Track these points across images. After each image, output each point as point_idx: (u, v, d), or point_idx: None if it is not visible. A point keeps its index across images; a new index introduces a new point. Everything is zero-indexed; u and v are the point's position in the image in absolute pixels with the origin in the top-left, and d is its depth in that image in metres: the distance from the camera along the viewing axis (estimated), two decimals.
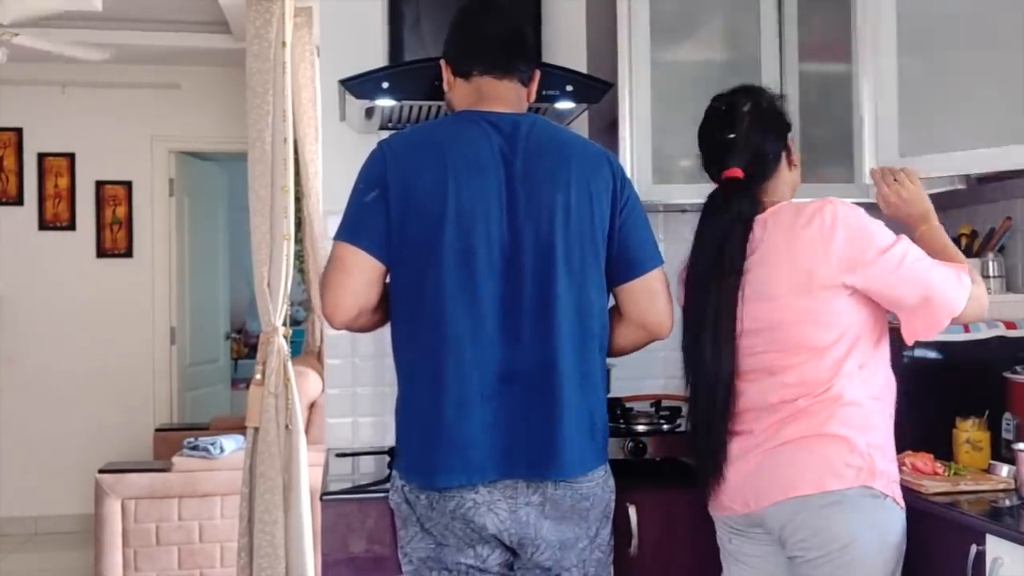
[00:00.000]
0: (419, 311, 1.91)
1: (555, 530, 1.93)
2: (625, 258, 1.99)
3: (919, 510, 2.02)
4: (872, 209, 2.03)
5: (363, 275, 1.91)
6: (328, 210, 2.86)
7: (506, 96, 2.01)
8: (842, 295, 1.93)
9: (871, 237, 1.92)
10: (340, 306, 1.92)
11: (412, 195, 1.89)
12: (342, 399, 2.87)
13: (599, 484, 1.98)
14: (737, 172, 2.05)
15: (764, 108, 2.09)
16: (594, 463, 1.97)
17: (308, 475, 3.13)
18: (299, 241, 4.75)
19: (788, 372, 1.96)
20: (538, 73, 2.09)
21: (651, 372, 2.95)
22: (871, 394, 1.96)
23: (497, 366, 1.89)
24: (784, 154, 2.10)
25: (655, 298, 2.02)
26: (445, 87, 2.08)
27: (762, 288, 1.98)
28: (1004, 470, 2.13)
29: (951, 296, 1.92)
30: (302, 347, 5.22)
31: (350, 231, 1.92)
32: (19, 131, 6.32)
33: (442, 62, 2.08)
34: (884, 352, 2.01)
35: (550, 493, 1.92)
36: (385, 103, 2.52)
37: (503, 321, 1.89)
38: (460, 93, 2.04)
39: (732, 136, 2.06)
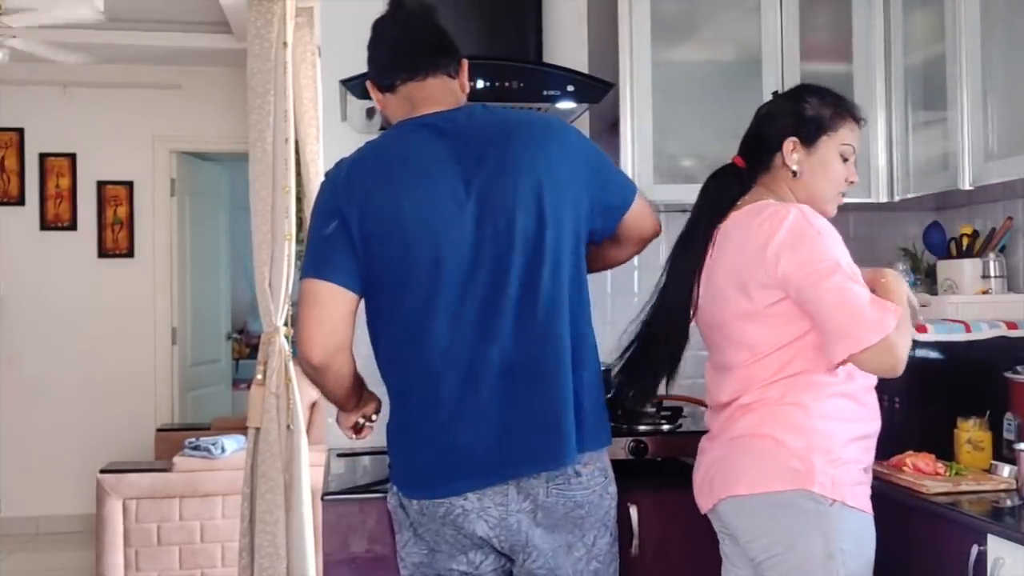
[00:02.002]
0: (397, 328, 1.90)
1: (547, 538, 1.90)
2: (606, 204, 1.99)
3: (920, 510, 2.02)
4: (878, 210, 2.02)
5: (337, 308, 1.87)
6: None
7: (436, 95, 1.96)
8: (778, 296, 1.89)
9: (809, 247, 1.85)
10: (315, 342, 1.86)
11: (368, 216, 1.86)
12: None
13: (596, 492, 1.93)
14: (739, 159, 2.09)
15: (782, 101, 2.10)
16: (593, 444, 1.93)
17: (309, 475, 3.13)
18: (300, 241, 4.73)
19: (735, 370, 1.96)
20: (465, 63, 2.02)
21: None
22: (821, 396, 1.90)
23: (483, 367, 1.85)
24: (780, 152, 2.02)
25: (645, 218, 2.07)
26: (378, 106, 2.05)
27: (712, 284, 2.00)
28: (1005, 470, 2.13)
29: (864, 330, 1.79)
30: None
31: (317, 266, 1.88)
32: (20, 131, 6.33)
33: (368, 84, 2.04)
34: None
35: (541, 500, 1.88)
36: None
37: (482, 321, 1.86)
38: (393, 107, 2.00)
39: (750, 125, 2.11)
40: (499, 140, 1.91)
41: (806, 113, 2.02)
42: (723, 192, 2.06)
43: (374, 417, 2.14)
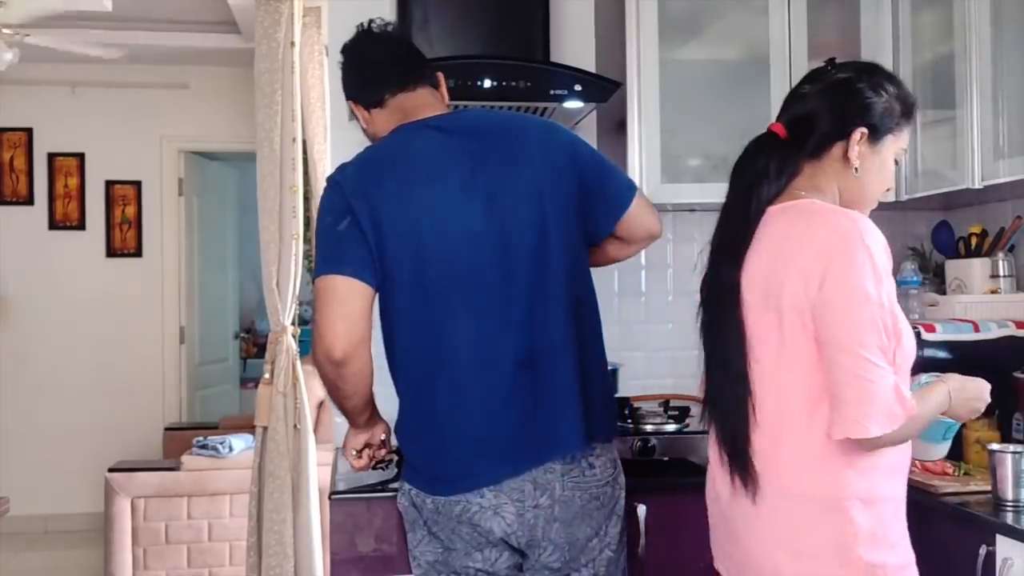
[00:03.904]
0: (414, 325, 1.90)
1: (563, 532, 1.92)
2: (607, 201, 2.00)
3: (929, 510, 2.02)
4: (886, 209, 1.99)
5: (356, 301, 1.86)
6: None
7: (428, 102, 2.01)
8: (808, 321, 1.59)
9: (861, 277, 1.55)
10: (337, 335, 1.85)
11: (381, 215, 1.87)
12: None
13: (609, 483, 1.97)
14: (779, 127, 1.75)
15: (851, 80, 1.74)
16: (603, 430, 1.97)
17: (317, 474, 3.13)
18: (308, 241, 4.73)
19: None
20: (441, 75, 2.08)
21: (659, 372, 2.96)
22: None
23: (499, 359, 1.87)
24: (844, 141, 1.72)
25: (645, 217, 2.05)
26: (363, 124, 2.07)
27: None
28: None
29: (883, 410, 1.55)
30: (311, 346, 5.23)
31: (333, 261, 1.88)
32: (29, 131, 6.35)
33: (350, 104, 2.07)
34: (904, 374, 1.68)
35: (558, 494, 1.90)
36: None
37: (497, 314, 1.88)
38: (382, 120, 2.02)
39: (800, 91, 1.78)
40: (502, 136, 1.95)
41: (881, 104, 1.72)
42: (775, 167, 1.72)
43: (383, 442, 2.14)
